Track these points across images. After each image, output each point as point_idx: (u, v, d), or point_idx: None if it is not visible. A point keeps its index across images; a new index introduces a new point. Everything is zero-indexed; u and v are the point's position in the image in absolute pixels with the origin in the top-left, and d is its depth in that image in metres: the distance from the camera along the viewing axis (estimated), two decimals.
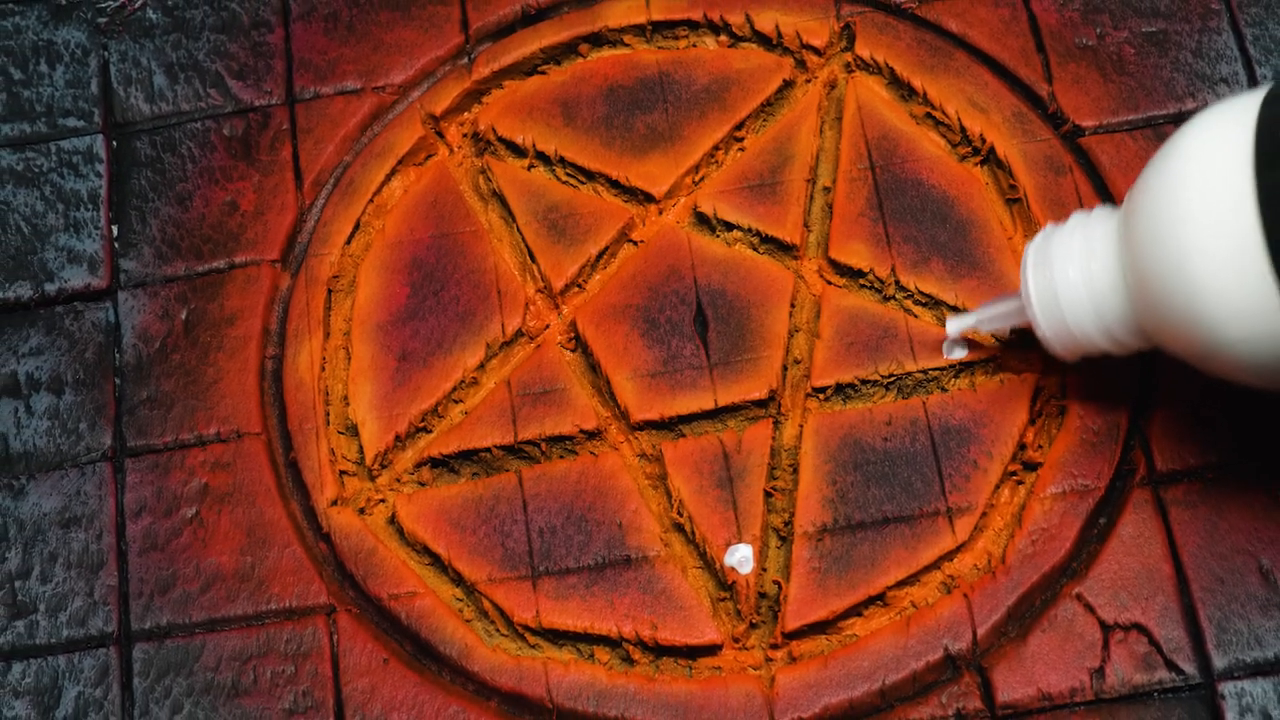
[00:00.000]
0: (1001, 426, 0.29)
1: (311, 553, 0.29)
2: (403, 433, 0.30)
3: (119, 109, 0.33)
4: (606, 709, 0.27)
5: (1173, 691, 0.27)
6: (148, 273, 0.31)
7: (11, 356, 0.31)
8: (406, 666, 0.28)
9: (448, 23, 0.33)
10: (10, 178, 0.32)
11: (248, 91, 0.33)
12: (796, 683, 0.27)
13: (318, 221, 0.32)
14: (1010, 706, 0.27)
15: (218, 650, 0.28)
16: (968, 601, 0.27)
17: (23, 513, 0.30)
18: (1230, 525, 0.27)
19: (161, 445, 0.30)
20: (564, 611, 0.28)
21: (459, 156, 0.32)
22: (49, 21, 0.34)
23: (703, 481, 0.29)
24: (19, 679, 0.28)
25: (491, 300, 0.30)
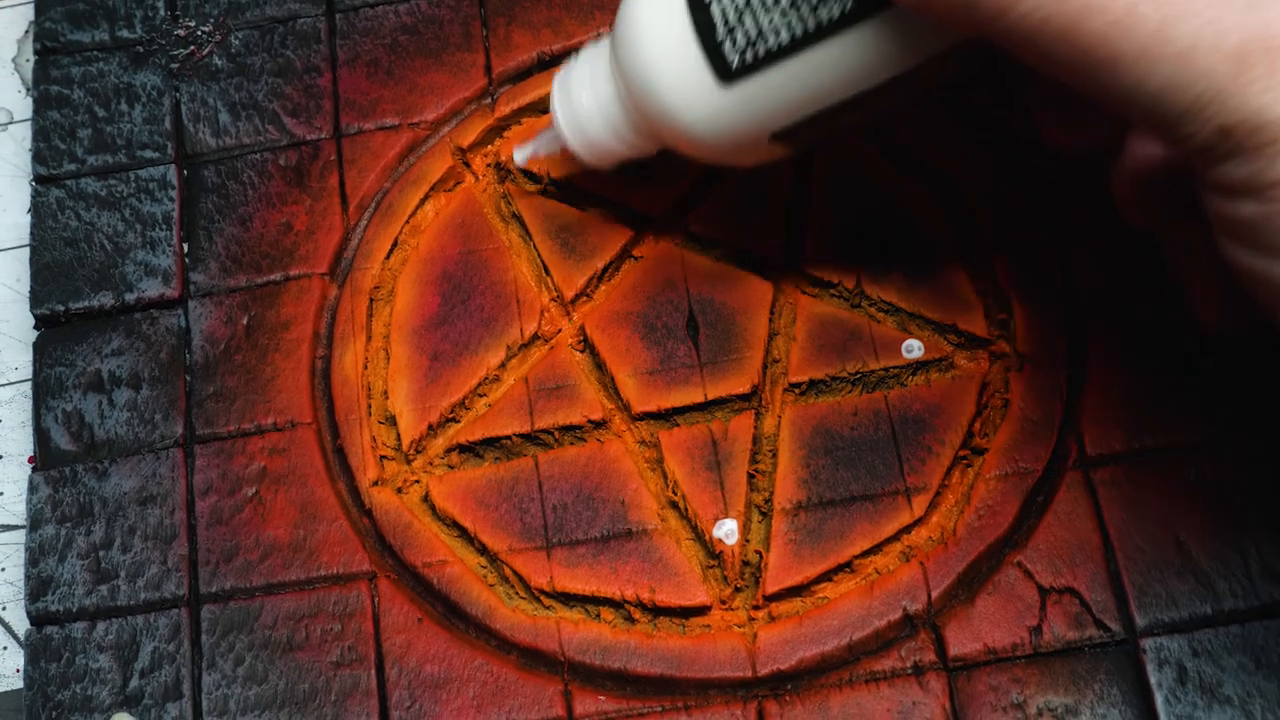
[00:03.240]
0: (953, 417, 0.29)
1: (356, 526, 0.29)
2: (434, 423, 0.30)
3: (189, 142, 0.33)
4: (611, 661, 0.28)
5: (1101, 646, 0.27)
6: (214, 284, 0.32)
7: (96, 357, 0.31)
8: (438, 625, 0.28)
9: (474, 68, 0.33)
10: (95, 202, 0.33)
11: (300, 127, 0.33)
12: (775, 639, 0.28)
13: (361, 240, 0.32)
14: (960, 659, 0.27)
15: (274, 611, 0.29)
16: (923, 569, 0.28)
17: (106, 492, 0.30)
18: (1151, 503, 0.28)
19: (226, 434, 0.30)
20: (574, 577, 0.28)
21: (483, 184, 0.33)
22: (129, 67, 0.34)
23: (694, 465, 0.29)
24: (103, 635, 0.29)
25: (511, 308, 0.31)
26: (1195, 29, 0.16)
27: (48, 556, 0.30)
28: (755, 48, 0.23)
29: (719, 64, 0.23)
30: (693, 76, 0.24)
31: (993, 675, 0.27)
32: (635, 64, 0.24)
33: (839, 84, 0.23)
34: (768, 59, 0.23)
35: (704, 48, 0.23)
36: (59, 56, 0.34)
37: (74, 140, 0.33)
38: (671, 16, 0.24)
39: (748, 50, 0.23)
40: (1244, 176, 0.17)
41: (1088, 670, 0.27)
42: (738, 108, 0.24)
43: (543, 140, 0.29)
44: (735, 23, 0.23)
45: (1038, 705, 0.27)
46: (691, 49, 0.24)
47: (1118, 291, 0.30)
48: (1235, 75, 0.16)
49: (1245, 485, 0.28)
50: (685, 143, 0.25)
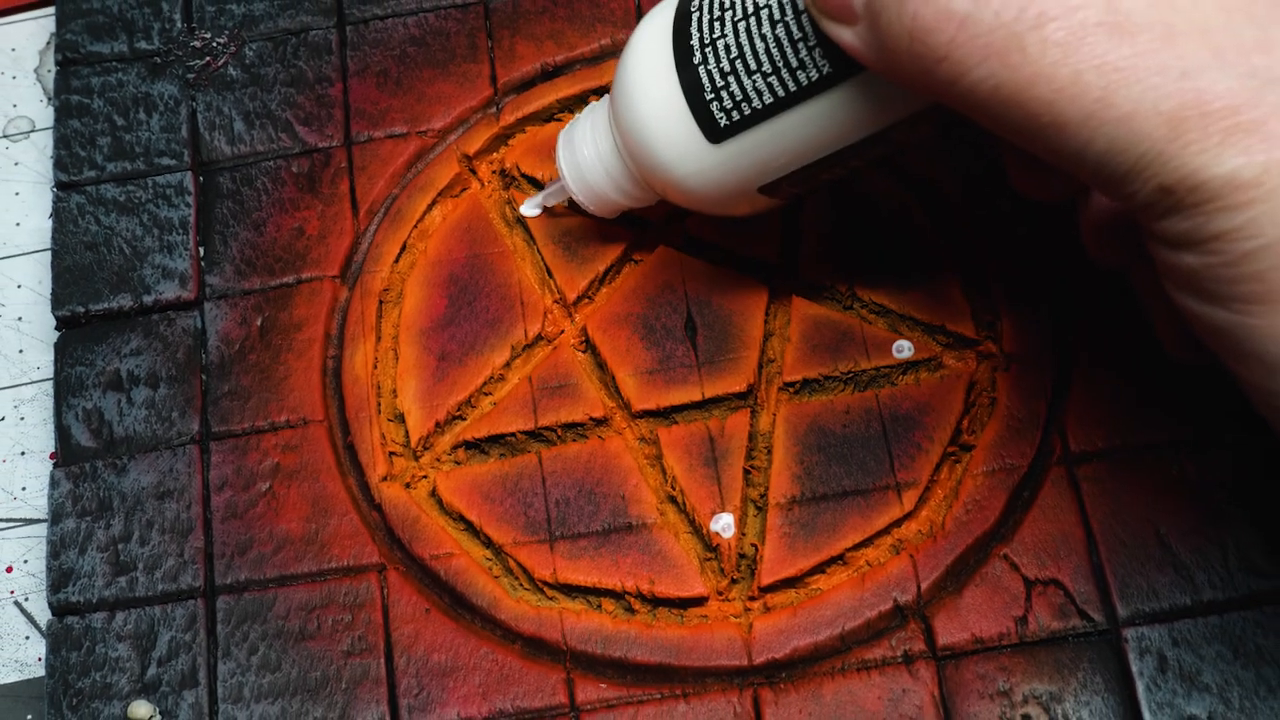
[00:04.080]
0: (942, 415, 0.29)
1: (366, 520, 0.30)
2: (442, 420, 0.30)
3: (205, 150, 0.34)
4: (611, 650, 0.28)
5: (1084, 636, 0.27)
6: (229, 287, 0.32)
7: (115, 356, 0.32)
8: (445, 615, 0.29)
9: (479, 78, 0.34)
10: (114, 208, 0.33)
11: (312, 136, 0.33)
12: (770, 629, 0.28)
13: (371, 244, 0.32)
14: (949, 648, 0.27)
15: (287, 602, 0.29)
16: (913, 561, 0.28)
17: (124, 487, 0.30)
18: (1132, 498, 0.28)
19: (240, 431, 0.31)
20: (576, 569, 0.29)
21: (489, 190, 0.33)
22: (146, 77, 0.34)
23: (692, 461, 0.29)
24: (121, 625, 0.29)
25: (516, 310, 0.31)
26: (1135, 95, 0.17)
27: (69, 549, 0.30)
28: (740, 109, 0.24)
29: (707, 124, 0.24)
30: (684, 135, 0.25)
31: (980, 664, 0.27)
32: (631, 122, 0.25)
33: (819, 142, 0.24)
34: (752, 119, 0.24)
35: (693, 108, 0.24)
36: (79, 67, 0.35)
37: (94, 148, 0.34)
38: (663, 78, 0.25)
39: (734, 111, 0.24)
40: (1184, 230, 0.18)
41: (1071, 659, 0.27)
42: (726, 164, 0.25)
43: (549, 193, 0.30)
44: (721, 85, 0.24)
45: (1023, 693, 0.27)
46: (682, 109, 0.24)
47: (1101, 293, 0.30)
48: (1172, 138, 0.17)
49: (1223, 482, 0.28)
50: (679, 195, 0.26)
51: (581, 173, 0.28)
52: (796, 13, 0.22)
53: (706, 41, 0.24)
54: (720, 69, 0.24)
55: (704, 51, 0.24)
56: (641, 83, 0.25)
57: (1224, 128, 0.17)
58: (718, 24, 0.24)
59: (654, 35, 0.25)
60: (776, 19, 0.23)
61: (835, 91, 0.23)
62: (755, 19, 0.23)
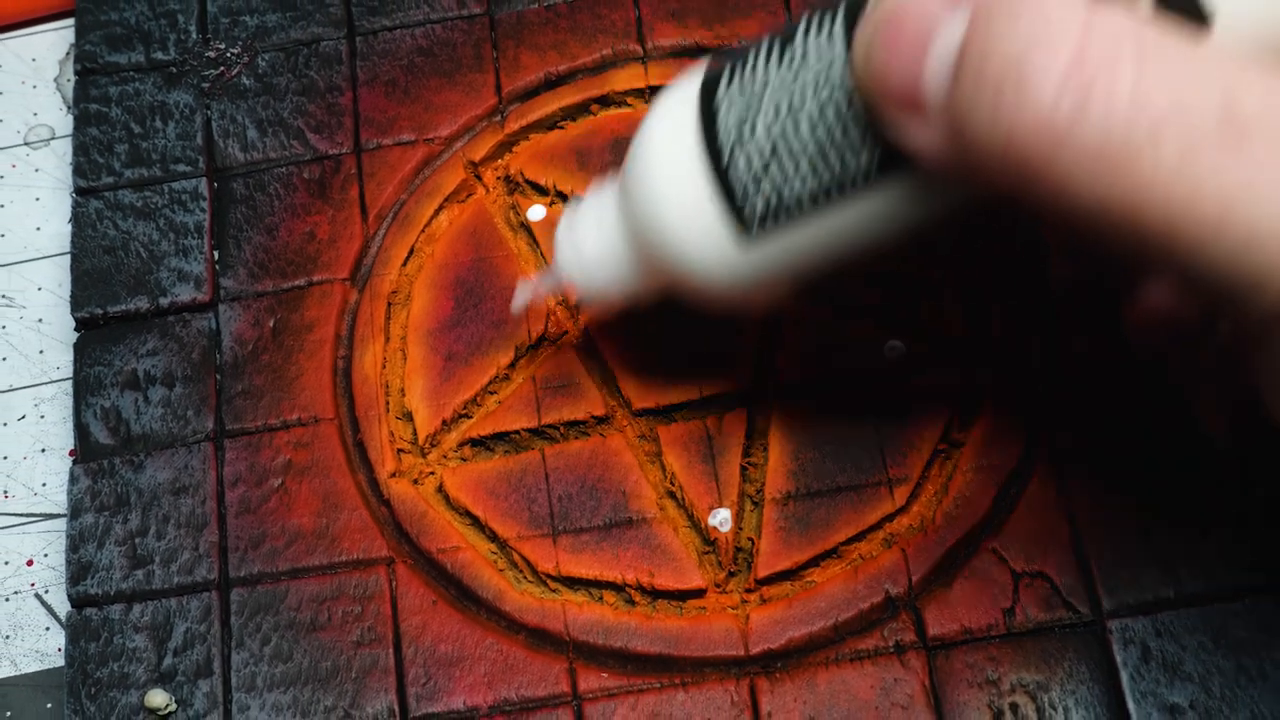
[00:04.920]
0: (932, 413, 0.29)
1: (375, 515, 0.30)
2: (448, 418, 0.30)
3: (219, 157, 0.34)
4: (612, 641, 0.28)
5: (1070, 627, 0.27)
6: (242, 289, 0.32)
7: (133, 357, 0.32)
8: (451, 607, 0.29)
9: (485, 87, 0.34)
10: (132, 213, 0.33)
11: (323, 143, 0.34)
12: (767, 620, 0.28)
13: (379, 248, 0.32)
14: (939, 639, 0.28)
15: (299, 594, 0.29)
16: (904, 554, 0.28)
17: (141, 483, 0.30)
18: (1117, 494, 0.28)
19: (254, 428, 0.31)
20: (578, 562, 0.29)
21: (494, 195, 0.33)
22: (163, 86, 0.35)
23: (691, 457, 0.30)
24: (138, 617, 0.29)
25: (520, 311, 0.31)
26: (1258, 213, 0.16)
27: (87, 543, 0.30)
28: (777, 209, 0.22)
29: (740, 224, 0.22)
30: (713, 235, 0.22)
31: (969, 654, 0.27)
32: (651, 222, 0.23)
33: (863, 240, 0.22)
34: (790, 218, 0.22)
35: (724, 209, 0.22)
36: (98, 77, 0.35)
37: (112, 155, 0.34)
38: (689, 180, 0.22)
39: (769, 211, 0.22)
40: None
41: (1058, 649, 0.27)
42: (759, 263, 0.23)
43: (544, 281, 0.27)
44: (755, 186, 0.22)
45: (1011, 682, 0.27)
46: (711, 213, 0.22)
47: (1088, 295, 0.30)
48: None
49: (1206, 478, 0.28)
50: (702, 295, 0.24)
51: (583, 262, 0.25)
52: (839, 115, 0.20)
53: (737, 139, 0.22)
54: (754, 173, 0.21)
55: (735, 150, 0.22)
56: (662, 181, 0.23)
57: None
58: (748, 120, 0.21)
59: (673, 126, 0.23)
60: (816, 120, 0.20)
61: (882, 189, 0.21)
62: (793, 121, 0.21)
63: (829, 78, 0.20)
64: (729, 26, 0.34)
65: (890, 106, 0.19)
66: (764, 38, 0.22)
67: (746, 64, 0.22)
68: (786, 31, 0.22)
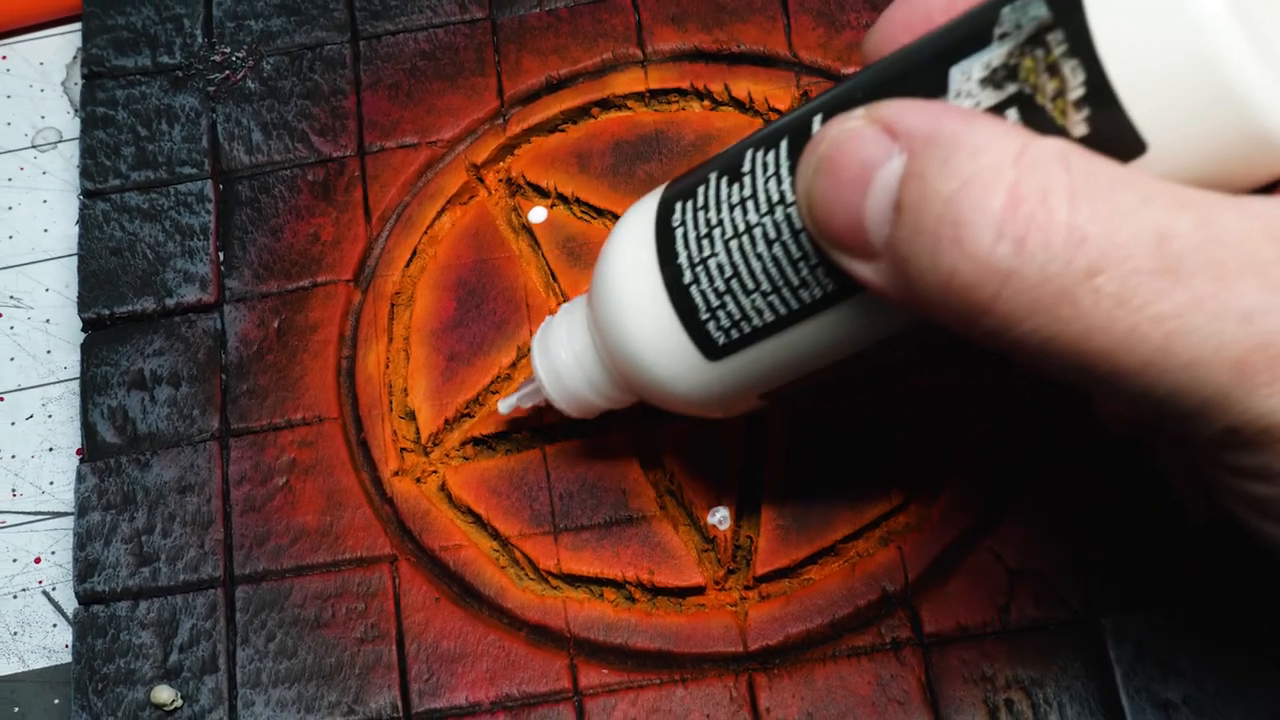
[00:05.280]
0: (931, 413, 0.29)
1: (378, 513, 0.30)
2: (451, 418, 0.31)
3: (224, 159, 0.34)
4: (613, 637, 0.28)
5: (1064, 624, 0.27)
6: (247, 290, 0.32)
7: (139, 357, 0.32)
8: (454, 604, 0.29)
9: (487, 90, 0.34)
10: (138, 215, 0.33)
11: (327, 146, 0.34)
12: (765, 616, 0.28)
13: (383, 249, 0.33)
14: (935, 635, 0.28)
15: (303, 591, 0.29)
16: (901, 553, 0.28)
17: (148, 481, 0.31)
18: (1110, 494, 0.28)
19: (259, 427, 0.31)
20: (579, 560, 0.29)
21: (496, 197, 0.33)
22: (169, 90, 0.35)
23: (690, 456, 0.30)
24: (145, 613, 0.29)
25: (521, 312, 0.31)
26: (1197, 342, 0.16)
27: (94, 541, 0.30)
28: (739, 327, 0.22)
29: (704, 343, 0.22)
30: (679, 354, 0.23)
31: (964, 650, 0.27)
32: (619, 340, 0.23)
33: (826, 354, 0.22)
34: (752, 337, 0.22)
35: (688, 328, 0.22)
36: (104, 80, 0.35)
37: (118, 157, 0.34)
38: (652, 297, 0.22)
39: (732, 330, 0.22)
40: (1252, 465, 0.17)
41: (1052, 646, 0.27)
42: (725, 379, 0.23)
43: (524, 394, 0.28)
44: (717, 305, 0.22)
45: (1006, 678, 0.27)
46: (675, 328, 0.22)
47: None
48: (1239, 382, 0.16)
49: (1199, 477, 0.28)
50: (670, 406, 0.24)
51: (559, 377, 0.26)
52: (794, 232, 0.20)
53: (696, 260, 0.22)
54: (715, 289, 0.21)
55: (694, 271, 0.22)
56: (627, 302, 0.23)
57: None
58: (706, 241, 0.21)
59: (634, 248, 0.23)
60: (772, 238, 0.20)
61: (843, 305, 0.20)
62: (749, 237, 0.21)
63: (780, 202, 0.20)
64: (727, 31, 0.34)
65: (832, 244, 0.18)
66: (716, 158, 0.22)
67: (702, 184, 0.22)
68: (736, 152, 0.22)
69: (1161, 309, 0.16)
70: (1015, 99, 0.17)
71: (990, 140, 0.16)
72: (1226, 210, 0.16)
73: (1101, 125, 0.17)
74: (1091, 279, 0.16)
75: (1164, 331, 0.16)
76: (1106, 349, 0.16)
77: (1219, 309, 0.16)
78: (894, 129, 0.17)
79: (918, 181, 0.17)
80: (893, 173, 0.17)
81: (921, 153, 0.17)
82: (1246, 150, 0.16)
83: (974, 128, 0.17)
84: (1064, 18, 0.17)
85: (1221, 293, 0.16)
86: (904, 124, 0.17)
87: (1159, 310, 0.16)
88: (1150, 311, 0.16)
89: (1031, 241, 0.16)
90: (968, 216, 0.16)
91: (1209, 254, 0.16)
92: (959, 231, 0.16)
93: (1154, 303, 0.16)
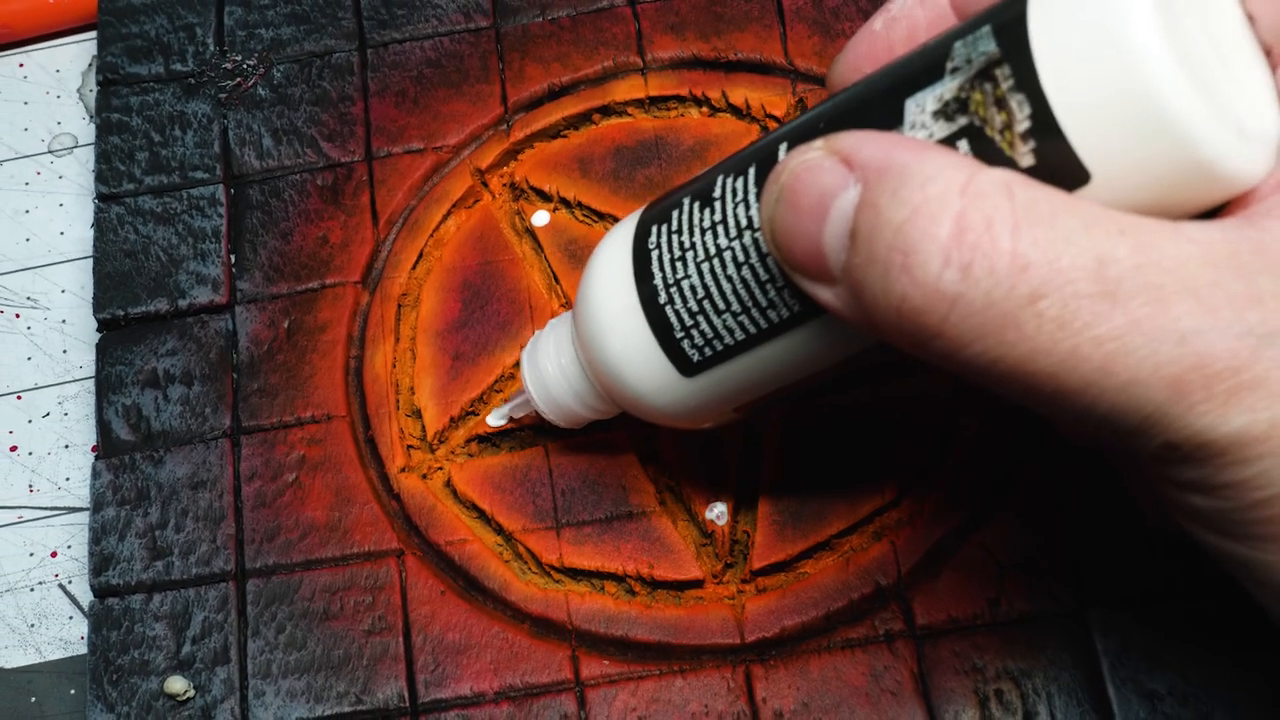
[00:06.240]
0: (924, 411, 0.30)
1: (385, 509, 0.30)
2: (456, 416, 0.31)
3: (236, 164, 0.34)
4: (614, 630, 0.28)
5: (1053, 616, 0.27)
6: (258, 291, 0.32)
7: (153, 356, 0.32)
8: (459, 597, 0.29)
9: (491, 97, 0.34)
10: (152, 218, 0.34)
11: (336, 151, 0.34)
12: (762, 609, 0.28)
13: (390, 252, 0.33)
14: (927, 628, 0.28)
15: (312, 584, 0.29)
16: (894, 547, 0.28)
17: (161, 478, 0.31)
18: (1101, 490, 0.28)
19: (269, 425, 0.31)
20: (581, 554, 0.29)
21: (500, 201, 0.33)
22: (182, 97, 0.35)
23: (688, 454, 0.30)
24: (158, 606, 0.29)
25: (525, 313, 0.31)
26: (1134, 363, 0.16)
27: (109, 536, 0.30)
28: (712, 345, 0.22)
29: (679, 359, 0.23)
30: (656, 369, 0.23)
31: (956, 642, 0.27)
32: (600, 356, 0.24)
33: (797, 369, 0.22)
34: (725, 354, 0.22)
35: (663, 345, 0.23)
36: (119, 87, 0.35)
37: (132, 162, 0.34)
38: (629, 315, 0.23)
39: (705, 348, 0.22)
40: (1192, 478, 0.18)
41: (1041, 638, 0.27)
42: (700, 394, 0.23)
43: (514, 405, 0.28)
44: (690, 324, 0.22)
45: (996, 669, 0.27)
46: (651, 345, 0.23)
47: None
48: (1176, 400, 0.16)
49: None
50: (650, 417, 0.25)
51: (547, 389, 0.26)
52: (761, 255, 0.20)
53: (670, 281, 0.22)
54: (688, 308, 0.22)
55: (669, 292, 0.22)
56: (607, 320, 0.23)
57: (1227, 389, 0.16)
58: (679, 264, 0.22)
59: (614, 269, 0.23)
60: (741, 261, 0.21)
61: (811, 324, 0.21)
62: (719, 260, 0.21)
63: (748, 227, 0.21)
64: (725, 40, 0.34)
65: (794, 268, 0.19)
66: (689, 182, 0.23)
67: (677, 208, 0.22)
68: (708, 178, 0.22)
69: (1101, 331, 0.16)
70: (966, 131, 0.18)
71: (939, 171, 0.17)
72: (1165, 236, 0.17)
73: (1047, 156, 0.17)
74: (1034, 304, 0.16)
75: (1103, 353, 0.16)
76: (1049, 370, 0.17)
77: (1156, 331, 0.16)
78: (850, 160, 0.18)
79: (871, 211, 0.17)
80: (849, 202, 0.18)
81: (875, 183, 0.17)
82: (1184, 179, 0.17)
83: (924, 159, 0.17)
84: (1011, 53, 0.17)
85: (1159, 315, 0.16)
86: (859, 155, 0.18)
87: (1098, 333, 0.16)
88: (1090, 334, 0.16)
89: (977, 268, 0.16)
90: (916, 244, 0.17)
91: (1147, 278, 0.16)
92: (908, 259, 0.17)
93: (1093, 325, 0.16)
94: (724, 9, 0.34)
